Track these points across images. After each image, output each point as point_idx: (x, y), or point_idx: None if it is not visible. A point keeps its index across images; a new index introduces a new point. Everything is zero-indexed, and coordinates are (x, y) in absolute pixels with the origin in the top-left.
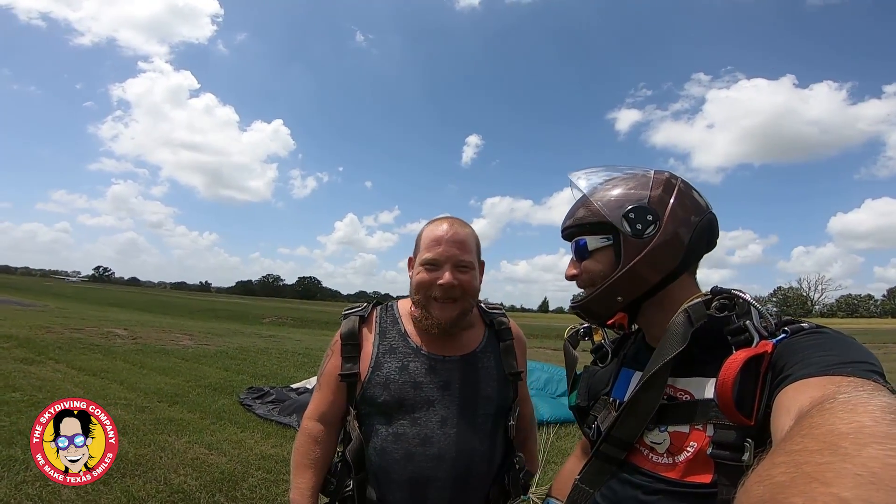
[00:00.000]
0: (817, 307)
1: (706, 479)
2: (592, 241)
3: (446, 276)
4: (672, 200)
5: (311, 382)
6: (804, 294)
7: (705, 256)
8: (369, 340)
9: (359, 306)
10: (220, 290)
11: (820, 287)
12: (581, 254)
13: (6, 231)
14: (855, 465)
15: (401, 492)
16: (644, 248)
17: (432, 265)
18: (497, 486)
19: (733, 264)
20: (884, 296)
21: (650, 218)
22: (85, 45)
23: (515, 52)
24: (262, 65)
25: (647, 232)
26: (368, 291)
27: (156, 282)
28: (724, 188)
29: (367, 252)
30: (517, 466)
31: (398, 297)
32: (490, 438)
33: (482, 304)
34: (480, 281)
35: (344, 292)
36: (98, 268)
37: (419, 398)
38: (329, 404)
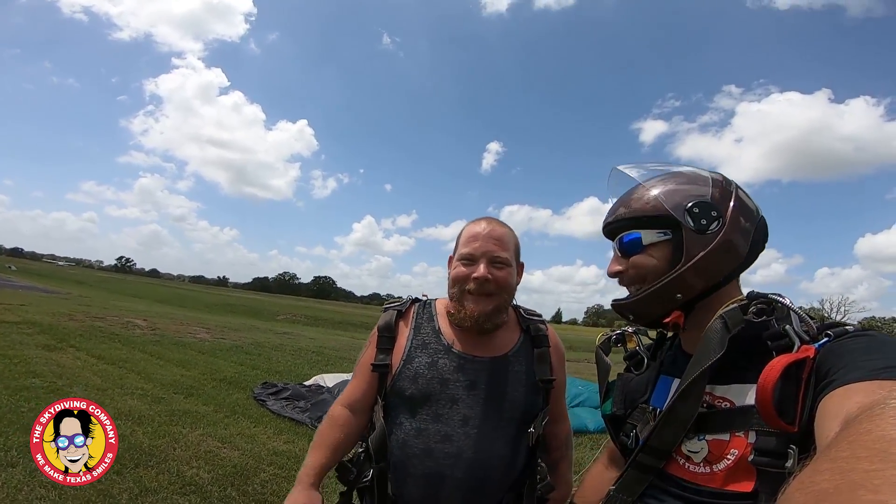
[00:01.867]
0: None
1: (748, 487)
2: (648, 235)
3: (481, 270)
4: (733, 201)
5: (324, 379)
6: (825, 315)
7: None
8: (404, 334)
9: (399, 301)
10: (236, 286)
11: (843, 308)
12: (631, 248)
13: (36, 219)
14: None
15: (416, 486)
16: (709, 244)
17: (468, 260)
18: (513, 493)
19: (754, 283)
20: None
21: (714, 214)
22: (123, 39)
23: (541, 61)
24: (291, 65)
25: (710, 228)
26: (382, 294)
27: (175, 274)
28: None
29: (382, 255)
30: (538, 477)
31: (436, 298)
32: (512, 443)
33: (521, 310)
34: (518, 282)
35: (358, 293)
36: (121, 258)
37: (445, 395)
38: (360, 392)
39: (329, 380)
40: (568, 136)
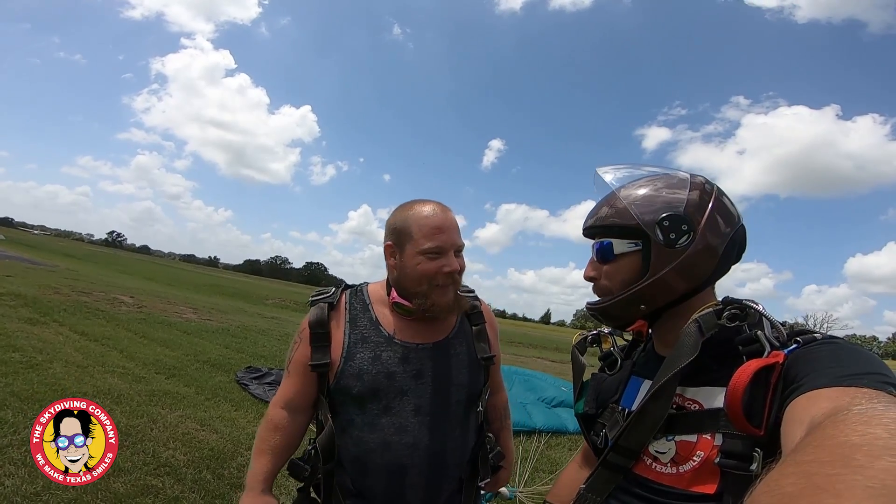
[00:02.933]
0: None
1: (711, 489)
2: (619, 245)
3: (454, 263)
4: (708, 209)
5: None
6: (795, 326)
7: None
8: (339, 329)
9: (327, 292)
10: (227, 267)
11: (826, 325)
12: (604, 256)
13: (28, 190)
14: (867, 478)
15: (377, 479)
16: (676, 258)
17: (436, 253)
18: (469, 465)
19: (742, 296)
20: (888, 339)
21: (685, 227)
22: (135, 17)
23: (550, 60)
24: (300, 50)
25: (680, 242)
26: None
27: (166, 252)
28: (745, 218)
29: (377, 244)
30: (487, 447)
31: (366, 283)
32: (462, 424)
33: None
34: None
35: (349, 281)
36: (111, 232)
37: (392, 388)
38: (297, 393)
39: None
40: (571, 137)
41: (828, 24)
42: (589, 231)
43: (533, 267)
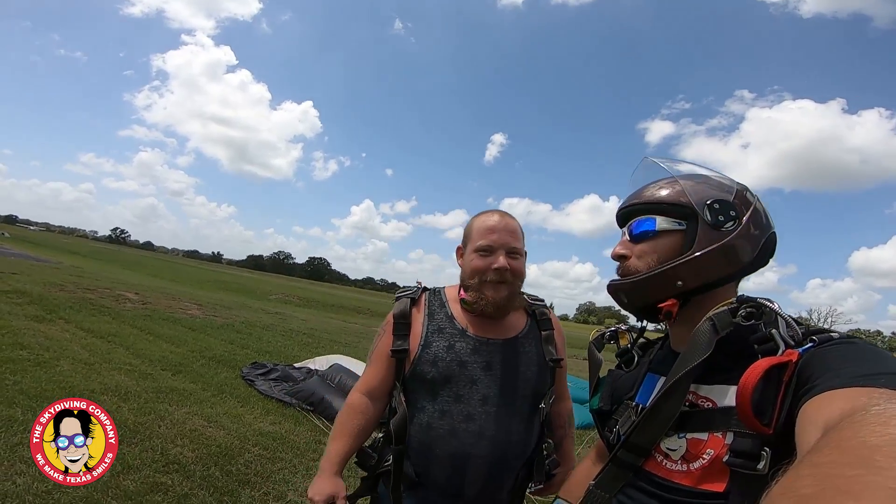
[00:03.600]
0: None
1: (719, 487)
2: (663, 222)
3: (500, 261)
4: (754, 205)
5: (314, 362)
6: (811, 323)
7: None
8: (419, 320)
9: (410, 289)
10: (230, 263)
11: (830, 319)
12: (643, 234)
13: (32, 188)
14: (887, 479)
15: (441, 466)
16: (720, 240)
17: (486, 251)
18: (525, 468)
19: (745, 289)
20: (893, 333)
21: (732, 213)
22: (135, 14)
23: (553, 55)
24: (301, 46)
25: (726, 226)
26: (376, 279)
27: (169, 248)
28: None
29: (379, 239)
30: (545, 452)
31: (444, 286)
32: (526, 420)
33: (526, 295)
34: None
35: (352, 276)
36: (115, 229)
37: (464, 376)
38: (377, 379)
39: (319, 363)
40: (574, 132)
41: (833, 17)
42: (629, 209)
43: (536, 261)
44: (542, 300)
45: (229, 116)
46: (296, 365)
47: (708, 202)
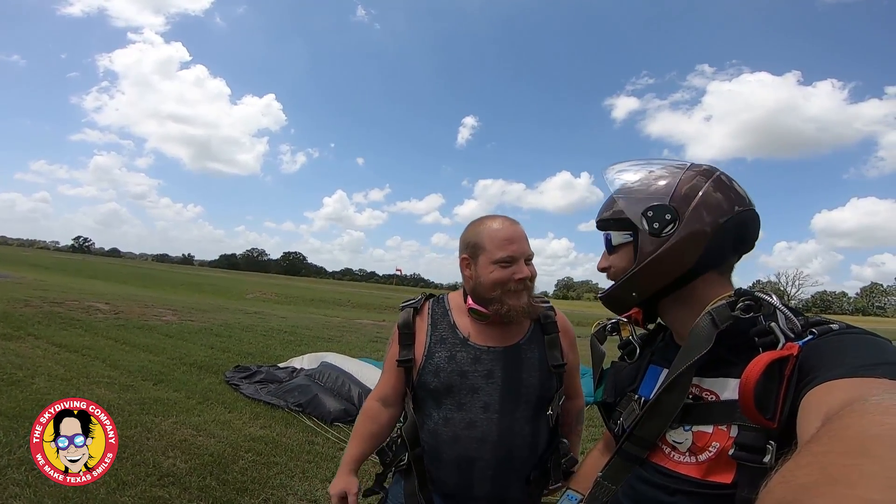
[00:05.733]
0: (792, 302)
1: (727, 479)
2: (616, 237)
3: (525, 270)
4: (697, 198)
5: (298, 361)
6: (781, 288)
7: None
8: (422, 330)
9: (413, 299)
10: (202, 263)
11: (797, 282)
12: (608, 247)
13: None
14: (884, 468)
15: (449, 470)
16: (660, 246)
17: (508, 262)
18: (539, 469)
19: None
20: (857, 294)
21: (668, 217)
22: (74, 14)
23: (519, 34)
24: (259, 38)
25: (665, 230)
26: (354, 269)
27: (137, 253)
28: None
29: (355, 229)
30: (561, 452)
31: (447, 292)
32: (531, 424)
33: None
34: None
35: (329, 269)
36: (78, 238)
37: (465, 385)
38: (389, 387)
39: (304, 361)
40: (543, 111)
41: None
42: (597, 226)
43: None
44: (548, 301)
45: (187, 114)
46: (280, 365)
47: (643, 210)
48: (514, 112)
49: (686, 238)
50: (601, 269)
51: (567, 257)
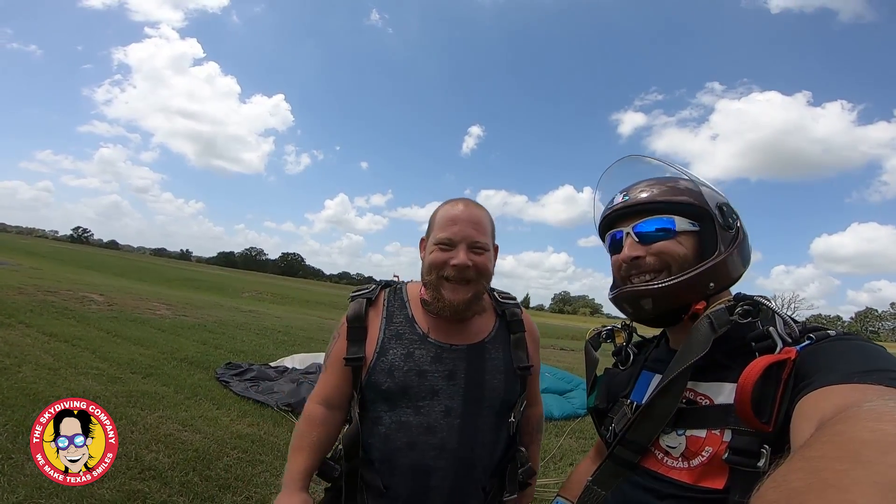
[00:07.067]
0: None
1: (719, 484)
2: (682, 223)
3: (461, 256)
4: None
5: (290, 360)
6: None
7: None
8: (375, 324)
9: (367, 288)
10: (200, 260)
11: (793, 305)
12: (659, 235)
13: None
14: (875, 473)
15: (403, 479)
16: (734, 241)
17: (447, 245)
18: (496, 478)
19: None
20: (851, 318)
21: (734, 217)
22: (95, 7)
23: (530, 46)
24: (273, 38)
25: (733, 228)
26: (352, 273)
27: (135, 246)
28: None
29: (355, 233)
30: (518, 462)
31: (408, 281)
32: (493, 431)
33: (495, 293)
34: (494, 265)
35: (327, 271)
36: (77, 228)
37: (424, 387)
38: (333, 388)
39: (296, 361)
40: (549, 123)
41: (800, 12)
42: (642, 207)
43: (512, 251)
44: (514, 298)
45: (196, 110)
46: (271, 364)
47: (718, 204)
48: (520, 123)
49: (745, 239)
50: (632, 259)
51: (565, 271)
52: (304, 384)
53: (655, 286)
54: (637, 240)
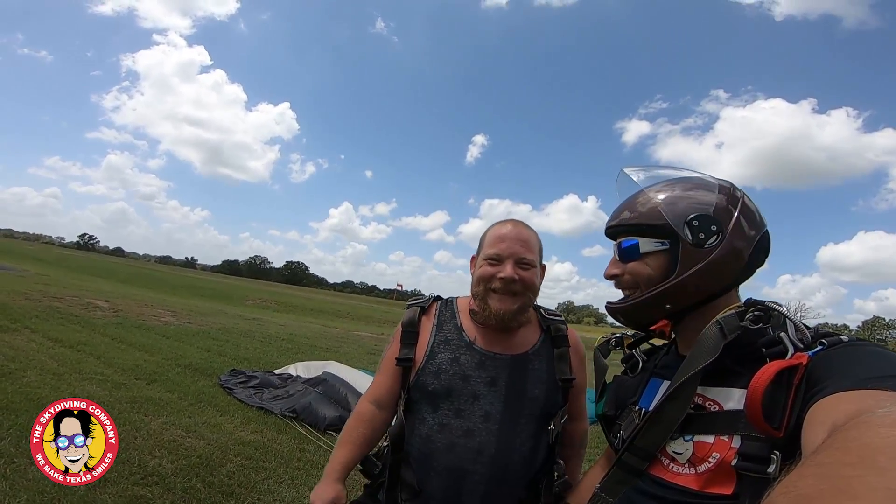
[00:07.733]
0: None
1: (727, 490)
2: (646, 244)
3: (507, 270)
4: (736, 212)
5: (294, 368)
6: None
7: None
8: (427, 330)
9: (422, 298)
10: (205, 268)
11: (799, 314)
12: (629, 254)
13: None
14: (889, 480)
15: (439, 479)
16: (704, 258)
17: (495, 260)
18: (532, 490)
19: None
20: (858, 327)
21: (714, 228)
22: (104, 13)
23: (535, 55)
24: (279, 46)
25: (708, 242)
26: (356, 281)
27: (141, 254)
28: None
29: (359, 242)
30: (555, 474)
31: (457, 297)
32: (532, 440)
33: (542, 310)
34: (540, 283)
35: (331, 280)
36: (83, 235)
37: (466, 391)
38: (385, 388)
39: (299, 369)
40: (554, 132)
41: (804, 19)
42: (612, 230)
43: None
44: (560, 315)
45: (203, 118)
46: (275, 371)
47: (687, 220)
48: (525, 132)
49: (730, 252)
50: (609, 277)
51: (569, 281)
52: (311, 393)
53: (618, 305)
54: (619, 258)
